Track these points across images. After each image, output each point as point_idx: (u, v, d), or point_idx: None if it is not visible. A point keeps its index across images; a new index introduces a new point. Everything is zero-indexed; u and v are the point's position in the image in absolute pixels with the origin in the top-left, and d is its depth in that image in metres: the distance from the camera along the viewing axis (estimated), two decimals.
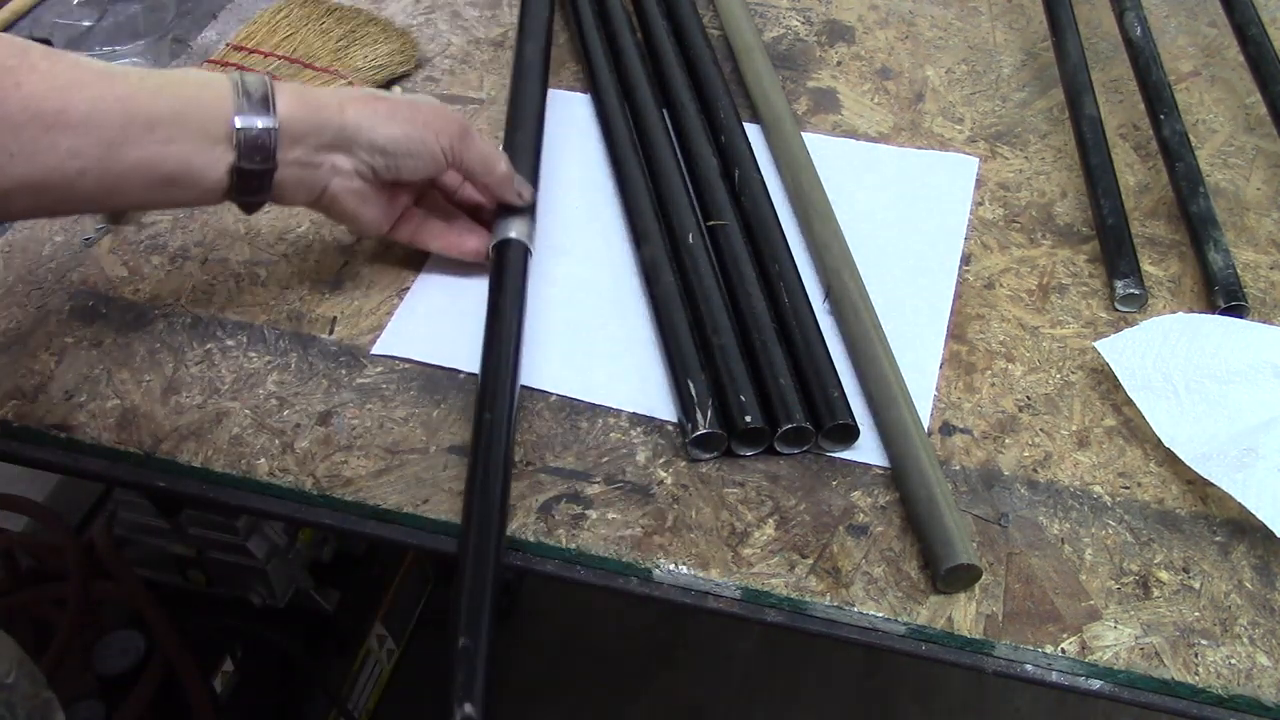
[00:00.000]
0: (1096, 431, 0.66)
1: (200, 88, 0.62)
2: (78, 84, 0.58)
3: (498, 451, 0.61)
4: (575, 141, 0.86)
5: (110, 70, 0.60)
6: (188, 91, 0.62)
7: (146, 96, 0.60)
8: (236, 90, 0.62)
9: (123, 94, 0.59)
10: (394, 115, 0.68)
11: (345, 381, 0.70)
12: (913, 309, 0.72)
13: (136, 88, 0.60)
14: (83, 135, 0.58)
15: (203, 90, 0.62)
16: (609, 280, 0.75)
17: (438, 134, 0.69)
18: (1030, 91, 0.89)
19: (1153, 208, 0.79)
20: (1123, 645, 0.57)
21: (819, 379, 0.65)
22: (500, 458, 0.61)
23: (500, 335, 0.67)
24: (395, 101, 0.69)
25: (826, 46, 0.93)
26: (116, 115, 0.59)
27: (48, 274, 0.78)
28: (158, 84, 0.61)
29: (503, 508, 0.60)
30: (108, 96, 0.59)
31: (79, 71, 0.59)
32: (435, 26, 0.97)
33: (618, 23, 0.93)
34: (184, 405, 0.69)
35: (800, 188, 0.79)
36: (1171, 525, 0.62)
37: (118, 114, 0.59)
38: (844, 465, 0.65)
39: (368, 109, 0.67)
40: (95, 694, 1.04)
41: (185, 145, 0.61)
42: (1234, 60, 0.88)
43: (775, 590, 0.59)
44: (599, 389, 0.69)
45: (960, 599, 0.59)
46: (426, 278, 0.76)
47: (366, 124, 0.66)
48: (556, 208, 0.80)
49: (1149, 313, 0.72)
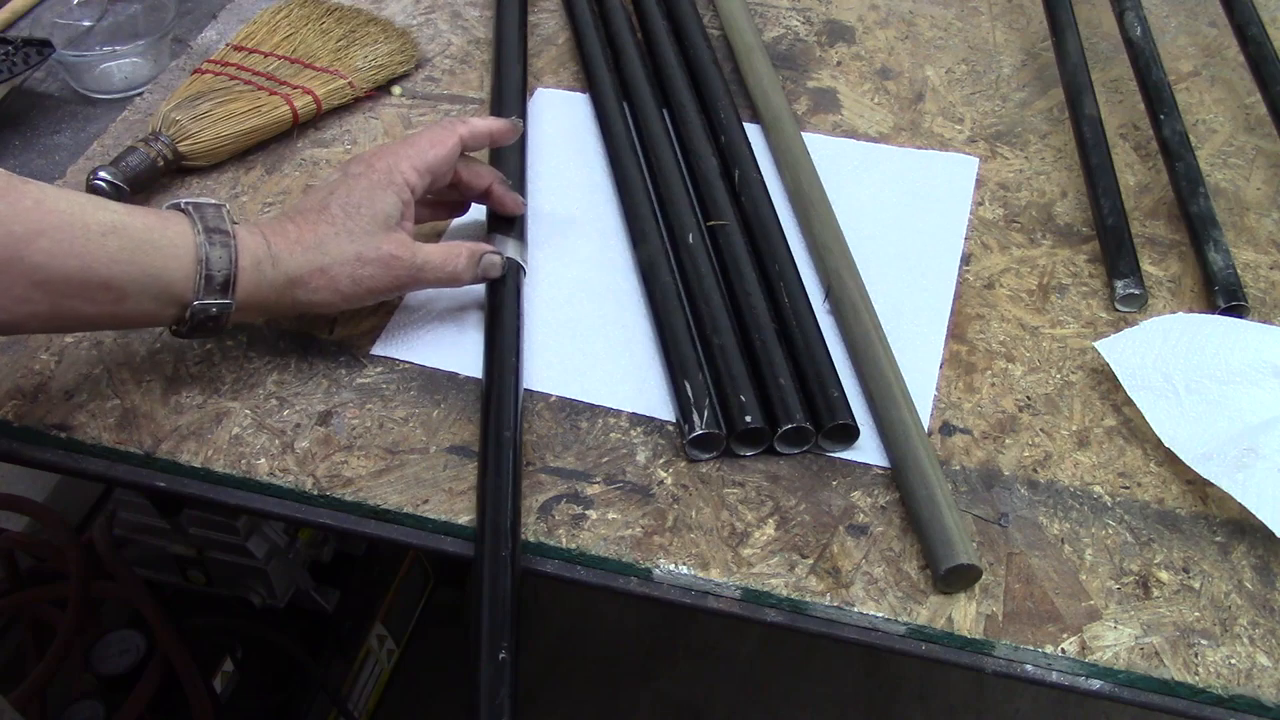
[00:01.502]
0: (1096, 431, 0.66)
1: (165, 259, 0.61)
2: (36, 233, 0.57)
3: (506, 465, 0.62)
4: (575, 141, 0.86)
5: (71, 216, 0.58)
6: (149, 261, 0.60)
7: (105, 260, 0.59)
8: (199, 268, 0.62)
9: (80, 251, 0.58)
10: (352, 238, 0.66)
11: (345, 381, 0.70)
12: (913, 309, 0.72)
13: (98, 247, 0.59)
14: (35, 289, 0.58)
15: (167, 262, 0.61)
16: (609, 280, 0.75)
17: (400, 213, 0.68)
18: (1030, 91, 0.89)
19: (1153, 208, 0.79)
20: (1123, 645, 0.57)
21: (819, 379, 0.65)
22: (509, 469, 0.62)
23: (501, 356, 0.68)
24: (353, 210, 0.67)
25: (826, 46, 0.93)
26: (74, 274, 0.58)
27: None
28: (118, 245, 0.59)
29: (515, 517, 0.61)
30: (65, 254, 0.58)
31: (41, 214, 0.57)
32: (435, 26, 0.97)
33: (618, 23, 0.93)
34: (184, 405, 0.69)
35: (800, 187, 0.79)
36: (1171, 525, 0.62)
37: (75, 272, 0.58)
38: (844, 465, 0.65)
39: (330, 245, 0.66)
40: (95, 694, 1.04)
41: (140, 306, 0.61)
42: (1234, 60, 0.88)
43: (775, 590, 0.59)
44: (599, 389, 0.69)
45: (960, 599, 0.59)
46: None
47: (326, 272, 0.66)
48: (556, 208, 0.80)
49: (1149, 313, 0.72)
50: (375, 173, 0.68)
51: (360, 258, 0.66)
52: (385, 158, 0.69)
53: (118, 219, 0.60)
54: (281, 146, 0.86)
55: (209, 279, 0.62)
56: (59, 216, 0.58)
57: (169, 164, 0.81)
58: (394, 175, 0.68)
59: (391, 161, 0.69)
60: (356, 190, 0.67)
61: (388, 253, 0.66)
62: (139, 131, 0.86)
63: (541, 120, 0.88)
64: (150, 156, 0.80)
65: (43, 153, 0.89)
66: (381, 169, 0.68)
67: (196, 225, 0.62)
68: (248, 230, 0.64)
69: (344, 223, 0.66)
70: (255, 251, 0.64)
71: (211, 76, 0.85)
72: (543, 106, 0.89)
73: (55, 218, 0.58)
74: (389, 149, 0.70)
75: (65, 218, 0.58)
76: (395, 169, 0.68)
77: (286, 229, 0.66)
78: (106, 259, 0.59)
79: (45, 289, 0.58)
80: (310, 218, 0.66)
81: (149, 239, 0.61)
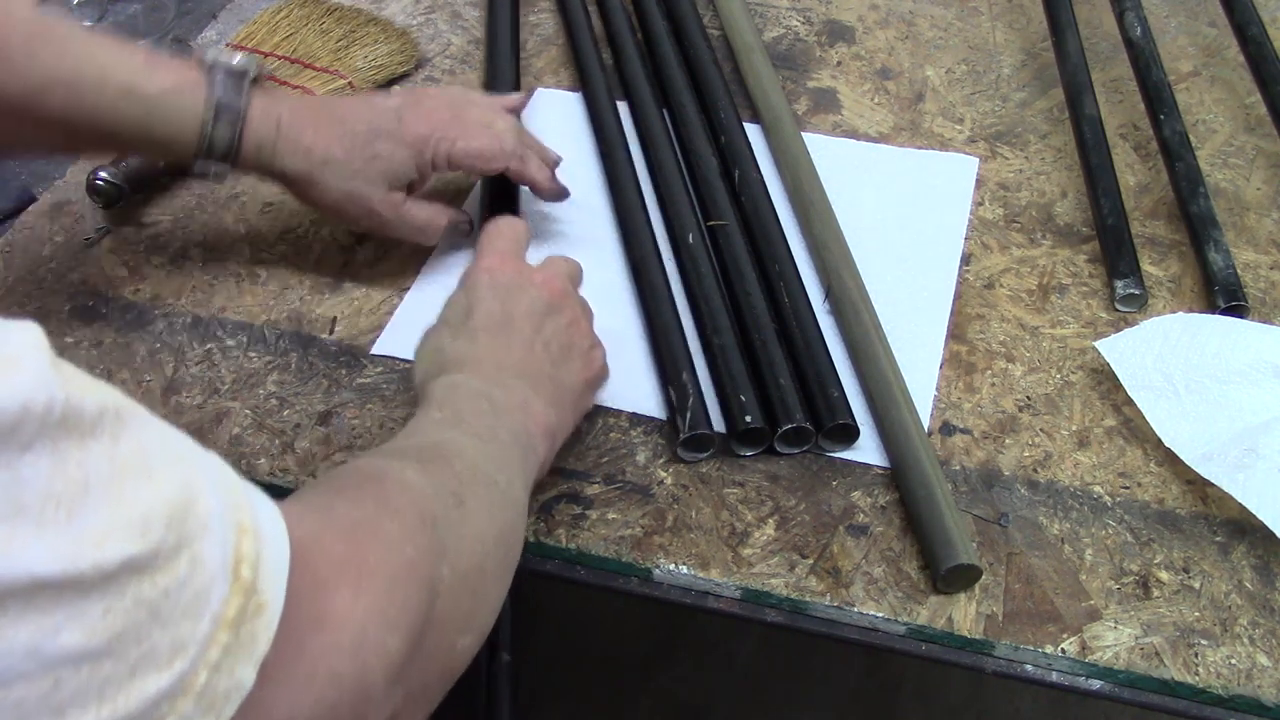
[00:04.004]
0: (1097, 431, 0.66)
1: (173, 127, 0.64)
2: (54, 82, 0.60)
3: None
4: (573, 141, 0.86)
5: (91, 72, 0.61)
6: (157, 127, 0.64)
7: (115, 119, 0.62)
8: (202, 141, 0.64)
9: (93, 107, 0.61)
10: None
11: (345, 381, 0.70)
12: (913, 309, 0.72)
13: (110, 106, 0.62)
14: (43, 130, 0.62)
15: (173, 130, 0.64)
16: (607, 280, 0.75)
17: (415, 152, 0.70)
18: (1030, 91, 0.89)
19: (1153, 208, 0.79)
20: (1123, 645, 0.57)
21: (819, 379, 0.65)
22: None
23: None
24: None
25: (826, 46, 0.93)
26: (83, 125, 0.62)
27: (48, 274, 0.78)
28: (130, 107, 0.62)
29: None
30: (79, 107, 0.61)
31: (63, 66, 0.60)
32: (435, 26, 0.97)
33: (618, 23, 0.93)
34: (184, 405, 0.69)
35: (800, 188, 0.79)
36: (1172, 525, 0.62)
37: (84, 124, 0.62)
38: (844, 465, 0.65)
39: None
40: None
41: (143, 153, 0.67)
42: (1234, 60, 0.88)
43: (775, 590, 0.59)
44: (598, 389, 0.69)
45: (960, 599, 0.59)
46: (427, 277, 0.76)
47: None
48: (555, 208, 0.80)
49: (1149, 313, 0.72)
50: (413, 133, 0.69)
51: (349, 196, 0.69)
52: (436, 126, 0.70)
53: (135, 81, 0.62)
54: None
55: (210, 149, 0.65)
56: (79, 71, 0.61)
57: (169, 164, 0.81)
58: (427, 149, 0.70)
59: (438, 135, 0.70)
60: (385, 139, 0.69)
61: (372, 207, 0.70)
62: None
63: (540, 120, 0.88)
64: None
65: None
66: (422, 134, 0.70)
67: (211, 97, 0.64)
68: (264, 108, 0.66)
69: (356, 156, 0.68)
70: (260, 136, 0.66)
71: None
72: (541, 107, 0.89)
73: (75, 72, 0.60)
74: (449, 120, 0.71)
75: (85, 73, 0.61)
76: (434, 144, 0.70)
77: (304, 128, 0.67)
78: (117, 118, 0.62)
79: (53, 131, 0.62)
80: (335, 131, 0.67)
81: (160, 106, 0.63)
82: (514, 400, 0.56)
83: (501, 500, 0.51)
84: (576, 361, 0.61)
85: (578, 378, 0.61)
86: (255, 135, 0.65)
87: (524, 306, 0.60)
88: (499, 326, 0.59)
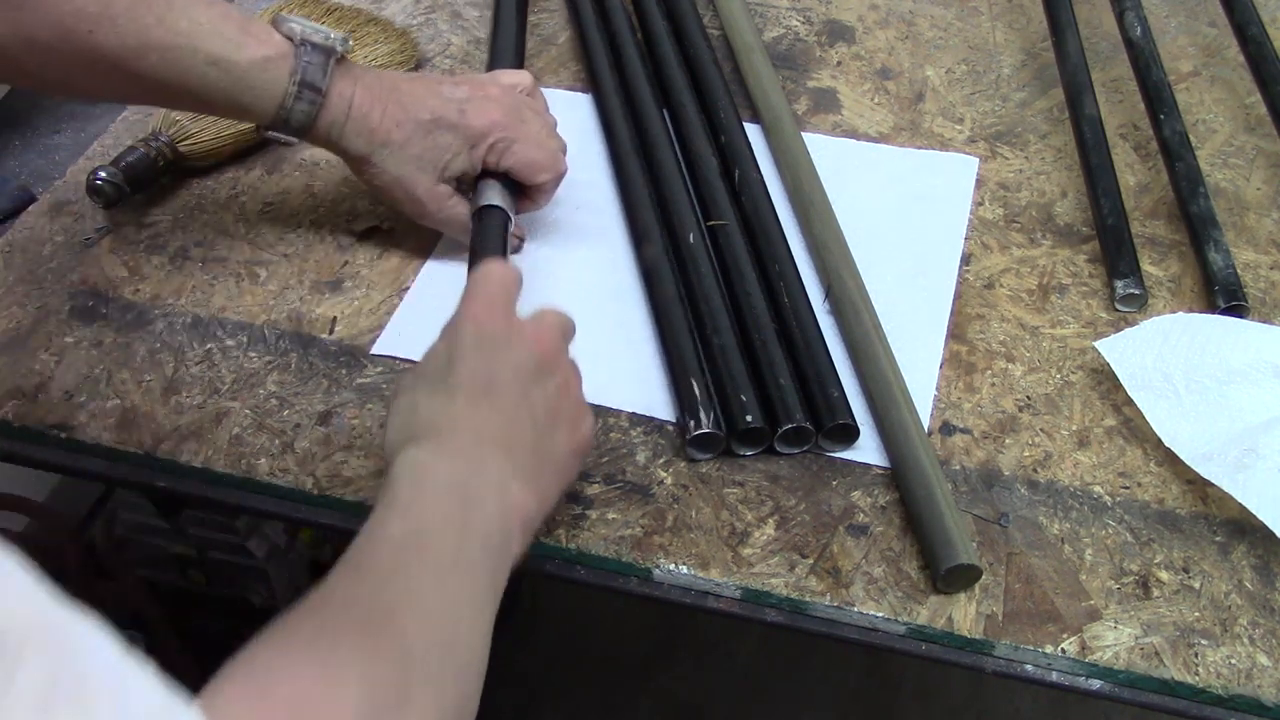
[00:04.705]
0: (1097, 431, 0.66)
1: (255, 98, 0.67)
2: (148, 47, 0.63)
3: None
4: (575, 141, 0.86)
5: (185, 39, 0.64)
6: (240, 96, 0.66)
7: (202, 85, 0.65)
8: (280, 113, 0.67)
9: (183, 72, 0.64)
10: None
11: (345, 381, 0.70)
12: (913, 309, 0.72)
13: (199, 73, 0.65)
14: (132, 86, 0.66)
15: (254, 101, 0.67)
16: (609, 280, 0.75)
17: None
18: (1030, 91, 0.89)
19: (1153, 208, 0.79)
20: (1123, 645, 0.57)
21: (819, 379, 0.65)
22: None
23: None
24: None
25: (826, 46, 0.93)
26: (170, 85, 0.65)
27: (48, 274, 0.78)
28: (218, 76, 0.65)
29: None
30: (169, 71, 0.64)
31: (159, 32, 0.63)
32: (435, 26, 0.97)
33: (618, 22, 0.93)
34: (184, 405, 0.69)
35: (800, 187, 0.79)
36: (1172, 525, 0.62)
37: (171, 84, 0.65)
38: (844, 465, 0.65)
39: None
40: None
41: (219, 114, 0.71)
42: (1234, 60, 0.88)
43: (775, 590, 0.59)
44: (598, 389, 0.68)
45: (960, 599, 0.59)
46: (427, 277, 0.76)
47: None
48: (556, 206, 0.80)
49: (1149, 313, 0.72)
50: (474, 128, 0.71)
51: (399, 181, 0.71)
52: (496, 125, 0.71)
53: (226, 51, 0.65)
54: (282, 146, 0.86)
55: (286, 123, 0.68)
56: (175, 38, 0.63)
57: (169, 164, 0.81)
58: (482, 146, 0.72)
59: (497, 135, 0.71)
60: (446, 131, 0.71)
61: (418, 195, 0.72)
62: (139, 131, 0.85)
63: None
64: (150, 156, 0.80)
65: (43, 152, 0.89)
66: (482, 130, 0.71)
67: (295, 75, 0.66)
68: (342, 88, 0.68)
69: (414, 143, 0.70)
70: (334, 115, 0.68)
71: None
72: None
73: (171, 38, 0.63)
74: (510, 122, 0.72)
75: (180, 39, 0.63)
76: (490, 143, 0.72)
77: (373, 110, 0.69)
78: (203, 84, 0.65)
79: (141, 87, 0.65)
80: (399, 116, 0.70)
81: (247, 78, 0.66)
82: (490, 484, 0.51)
83: (460, 666, 0.46)
84: (563, 430, 0.56)
85: (563, 448, 0.56)
86: (329, 114, 0.68)
87: (511, 367, 0.55)
88: (481, 388, 0.54)
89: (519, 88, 0.76)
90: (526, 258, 0.77)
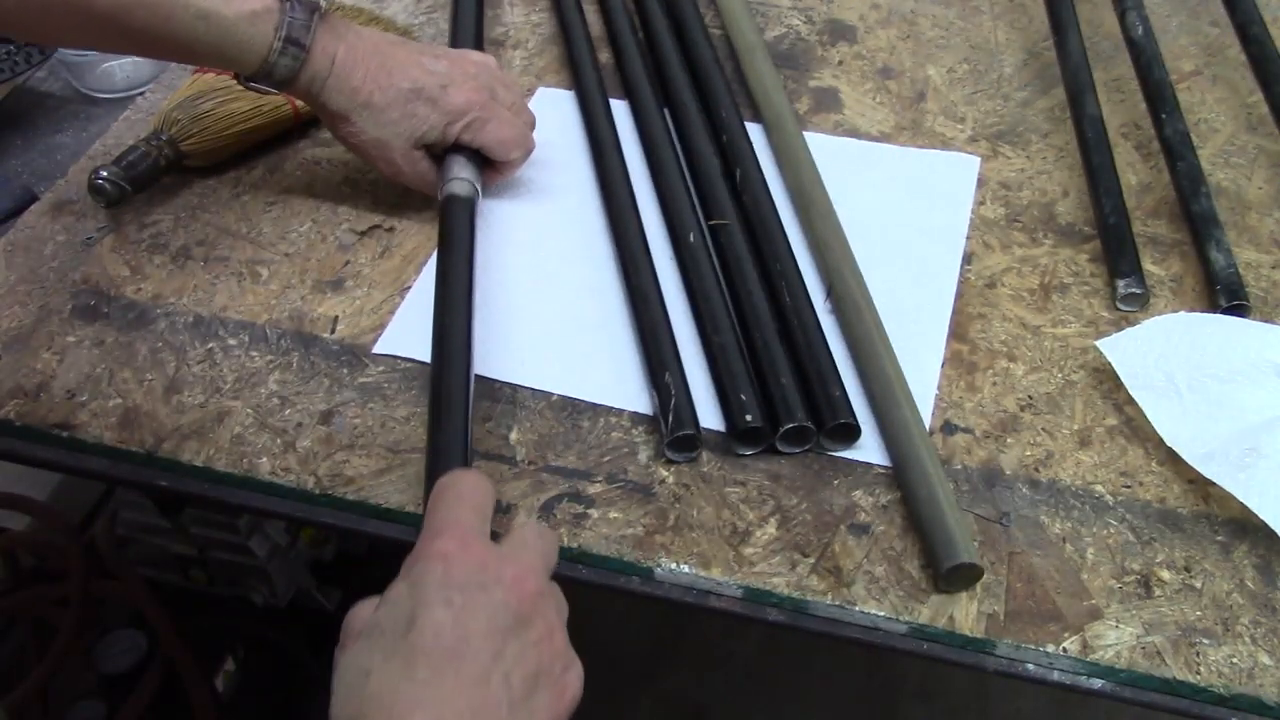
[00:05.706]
0: (1098, 431, 0.66)
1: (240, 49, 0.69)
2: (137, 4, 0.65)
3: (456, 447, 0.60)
4: (575, 141, 0.86)
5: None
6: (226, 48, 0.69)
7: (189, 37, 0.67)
8: (264, 65, 0.69)
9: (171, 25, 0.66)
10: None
11: (347, 381, 0.70)
12: (914, 308, 0.72)
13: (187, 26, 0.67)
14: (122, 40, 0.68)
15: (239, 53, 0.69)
16: (608, 279, 0.75)
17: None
18: (1032, 91, 0.88)
19: (1154, 207, 0.79)
20: (1124, 644, 0.57)
21: (820, 378, 0.65)
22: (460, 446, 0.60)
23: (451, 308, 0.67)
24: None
25: (828, 46, 0.93)
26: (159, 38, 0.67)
27: (50, 273, 0.78)
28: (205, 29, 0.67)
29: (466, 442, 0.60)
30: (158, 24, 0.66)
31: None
32: (436, 26, 0.97)
33: (619, 22, 0.93)
34: (186, 404, 0.69)
35: (802, 187, 0.79)
36: (1173, 524, 0.62)
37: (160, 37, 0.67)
38: (845, 464, 0.65)
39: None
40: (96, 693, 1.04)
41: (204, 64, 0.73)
42: (1236, 59, 0.88)
43: (777, 589, 0.59)
44: (599, 388, 0.69)
45: (962, 598, 0.59)
46: (428, 276, 0.76)
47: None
48: (556, 206, 0.80)
49: (1150, 312, 0.72)
50: (452, 105, 0.74)
51: (376, 142, 0.74)
52: (474, 104, 0.75)
53: (215, 5, 0.67)
54: (283, 146, 0.86)
55: (269, 75, 0.70)
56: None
57: (171, 163, 0.81)
58: (458, 123, 0.75)
59: (474, 113, 0.75)
60: (424, 103, 0.74)
61: (393, 158, 0.75)
62: (141, 131, 0.86)
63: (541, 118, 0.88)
64: (152, 156, 0.80)
65: (44, 152, 0.89)
66: (459, 107, 0.74)
67: (280, 31, 0.69)
68: (325, 45, 0.71)
69: (393, 109, 0.73)
70: (316, 71, 0.71)
71: (213, 76, 0.85)
72: (542, 106, 0.89)
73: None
74: (486, 101, 0.76)
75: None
76: (467, 120, 0.75)
77: (355, 70, 0.72)
78: (191, 36, 0.67)
79: (131, 40, 0.68)
80: (381, 80, 0.72)
81: (233, 31, 0.68)
82: None
83: None
84: (544, 694, 0.47)
85: (544, 715, 0.46)
86: (311, 69, 0.71)
87: (484, 620, 0.46)
88: (447, 653, 0.44)
89: (489, 64, 0.79)
90: (527, 258, 0.77)
